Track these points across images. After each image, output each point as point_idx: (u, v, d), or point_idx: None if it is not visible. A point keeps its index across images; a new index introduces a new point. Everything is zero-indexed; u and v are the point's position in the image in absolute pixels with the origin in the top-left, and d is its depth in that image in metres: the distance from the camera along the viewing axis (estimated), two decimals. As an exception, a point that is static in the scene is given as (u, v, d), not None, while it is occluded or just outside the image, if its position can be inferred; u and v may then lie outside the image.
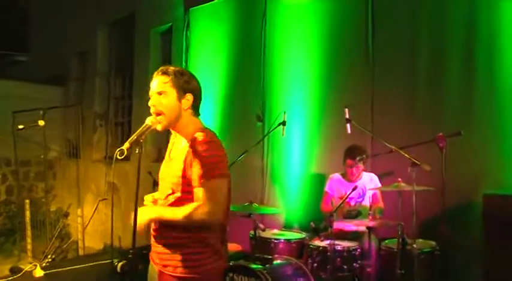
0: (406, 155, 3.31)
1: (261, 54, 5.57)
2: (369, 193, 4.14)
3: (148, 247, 2.24)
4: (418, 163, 3.17)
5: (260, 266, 3.38)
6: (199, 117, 2.32)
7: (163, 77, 2.18)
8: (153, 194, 2.33)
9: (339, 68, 4.91)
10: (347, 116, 3.77)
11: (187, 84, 2.19)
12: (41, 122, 3.99)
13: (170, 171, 2.21)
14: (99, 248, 7.19)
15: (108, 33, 8.00)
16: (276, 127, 4.31)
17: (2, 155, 7.60)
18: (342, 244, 3.68)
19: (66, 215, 6.55)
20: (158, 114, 2.17)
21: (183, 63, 6.44)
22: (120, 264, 1.99)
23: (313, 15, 5.12)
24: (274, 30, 5.49)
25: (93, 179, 7.42)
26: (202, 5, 6.26)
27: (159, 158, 6.34)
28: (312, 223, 3.65)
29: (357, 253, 3.64)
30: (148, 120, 2.16)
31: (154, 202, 2.27)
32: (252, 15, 5.70)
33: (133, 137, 2.09)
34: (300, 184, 5.19)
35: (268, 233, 4.07)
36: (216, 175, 2.08)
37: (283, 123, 4.26)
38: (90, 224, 6.82)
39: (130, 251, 2.06)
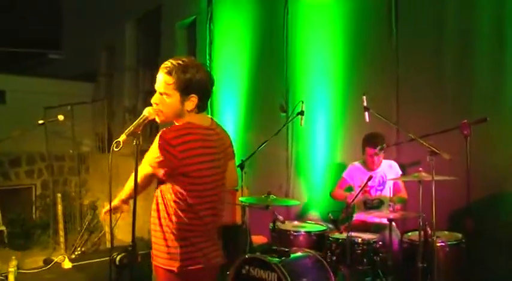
0: (424, 143, 3.16)
1: (284, 44, 5.49)
2: (390, 182, 4.00)
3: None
4: (437, 151, 3.02)
5: (277, 259, 3.32)
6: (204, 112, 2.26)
7: (168, 78, 2.11)
8: None
9: (362, 56, 4.77)
10: (365, 103, 3.63)
11: (191, 83, 2.10)
12: (61, 117, 4.07)
13: None
14: (129, 241, 7.31)
15: (136, 27, 8.09)
16: (294, 117, 4.22)
17: (37, 150, 7.83)
18: (362, 236, 3.57)
19: (94, 208, 6.69)
20: (157, 111, 2.16)
21: (207, 56, 6.44)
22: (119, 257, 1.97)
23: (336, 4, 4.98)
24: (297, 19, 5.39)
25: (123, 173, 7.52)
26: (225, -4, 6.23)
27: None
28: (330, 215, 3.55)
29: (378, 245, 3.52)
30: (146, 111, 2.14)
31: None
32: (274, 5, 5.62)
33: (130, 128, 2.07)
34: (324, 174, 5.11)
35: (288, 225, 4.00)
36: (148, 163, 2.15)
37: (301, 113, 4.16)
38: (121, 218, 6.93)
39: (130, 244, 2.04)
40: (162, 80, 2.13)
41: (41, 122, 4.17)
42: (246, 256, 3.45)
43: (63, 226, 6.63)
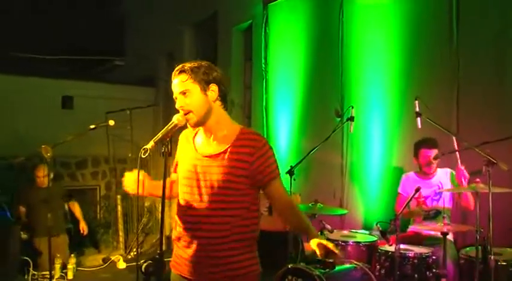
0: (480, 152, 2.91)
1: (339, 48, 5.34)
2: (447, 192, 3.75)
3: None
4: (494, 161, 2.77)
5: (321, 271, 3.20)
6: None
7: (182, 76, 2.11)
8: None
9: (420, 61, 4.54)
10: (417, 109, 3.42)
11: (207, 75, 2.11)
12: (111, 122, 4.20)
13: (215, 170, 2.11)
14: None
15: (193, 33, 8.22)
16: (343, 123, 4.07)
17: (102, 153, 8.15)
18: (413, 250, 3.36)
19: (150, 210, 6.84)
20: (187, 113, 2.11)
21: (263, 60, 6.40)
22: (145, 264, 1.96)
23: (393, 7, 4.78)
24: (352, 23, 5.23)
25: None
26: (279, 0, 6.17)
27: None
28: (377, 225, 3.36)
29: (431, 260, 3.29)
30: (175, 118, 2.11)
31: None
32: (330, 8, 5.49)
33: (159, 135, 2.05)
34: (380, 182, 4.90)
35: (336, 235, 3.85)
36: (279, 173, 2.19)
37: (351, 119, 4.00)
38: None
39: (158, 252, 2.03)
40: (178, 81, 2.13)
41: (92, 126, 4.32)
42: (289, 266, 3.35)
43: (123, 226, 6.86)
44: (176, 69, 2.15)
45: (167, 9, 8.49)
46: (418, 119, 3.41)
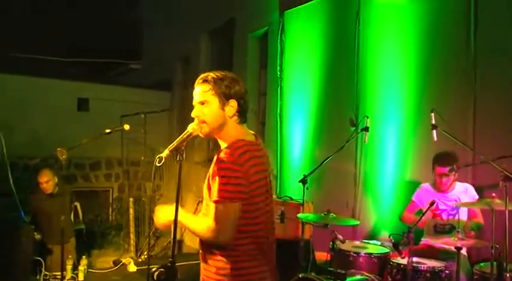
0: (497, 166, 2.87)
1: (355, 57, 5.31)
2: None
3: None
4: (511, 176, 2.73)
5: (332, 282, 3.18)
6: (245, 124, 2.21)
7: (204, 86, 2.11)
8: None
9: (437, 71, 4.49)
10: (433, 121, 3.39)
11: (229, 89, 2.10)
12: (126, 126, 4.24)
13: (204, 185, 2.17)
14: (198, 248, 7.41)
15: (209, 39, 8.26)
16: (358, 133, 4.05)
17: (115, 155, 8.22)
18: (426, 263, 3.32)
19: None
20: (201, 122, 2.13)
21: (278, 67, 6.41)
22: (156, 272, 1.96)
23: (410, 15, 4.75)
24: (369, 31, 5.20)
25: (194, 180, 7.70)
26: (296, 8, 6.17)
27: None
28: (390, 237, 3.33)
29: (444, 274, 3.25)
30: (190, 127, 2.12)
31: None
32: (346, 16, 5.47)
33: (174, 144, 2.06)
34: (394, 193, 4.85)
35: (348, 245, 3.82)
36: (225, 197, 1.98)
37: (366, 129, 3.97)
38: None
39: (170, 259, 2.03)
40: (200, 90, 2.12)
41: (107, 131, 4.35)
42: (300, 276, 3.34)
43: (134, 229, 6.89)
44: (200, 77, 2.14)
45: (184, 14, 8.56)
46: (434, 131, 3.38)
